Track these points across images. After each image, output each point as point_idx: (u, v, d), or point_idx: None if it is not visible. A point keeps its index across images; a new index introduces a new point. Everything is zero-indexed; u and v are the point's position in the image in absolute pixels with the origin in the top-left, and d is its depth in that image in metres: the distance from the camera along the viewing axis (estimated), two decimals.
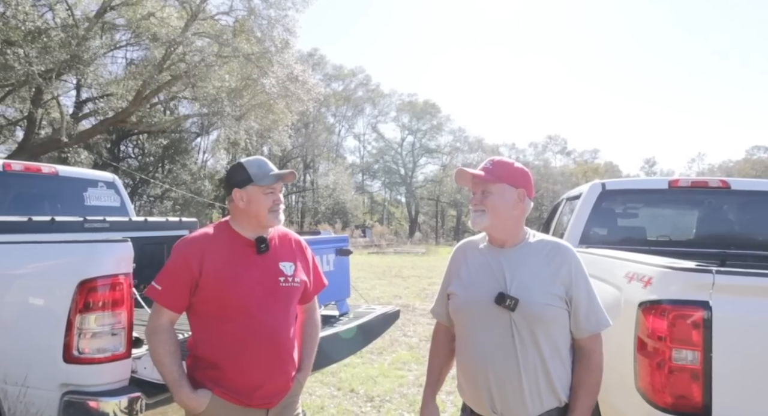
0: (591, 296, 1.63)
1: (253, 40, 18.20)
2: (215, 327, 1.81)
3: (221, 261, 1.82)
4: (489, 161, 1.72)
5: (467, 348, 1.69)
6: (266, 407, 1.83)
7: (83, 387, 2.05)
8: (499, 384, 1.60)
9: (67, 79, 19.59)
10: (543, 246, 1.68)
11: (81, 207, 4.02)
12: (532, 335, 1.58)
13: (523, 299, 1.57)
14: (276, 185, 1.88)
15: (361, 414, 3.98)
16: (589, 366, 1.62)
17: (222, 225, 1.94)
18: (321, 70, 46.76)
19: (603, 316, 1.64)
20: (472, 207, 1.69)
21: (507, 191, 1.67)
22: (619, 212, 3.78)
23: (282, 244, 1.97)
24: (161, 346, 1.78)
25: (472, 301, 1.66)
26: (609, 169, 53.69)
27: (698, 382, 1.68)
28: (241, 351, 1.79)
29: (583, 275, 1.64)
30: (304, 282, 1.95)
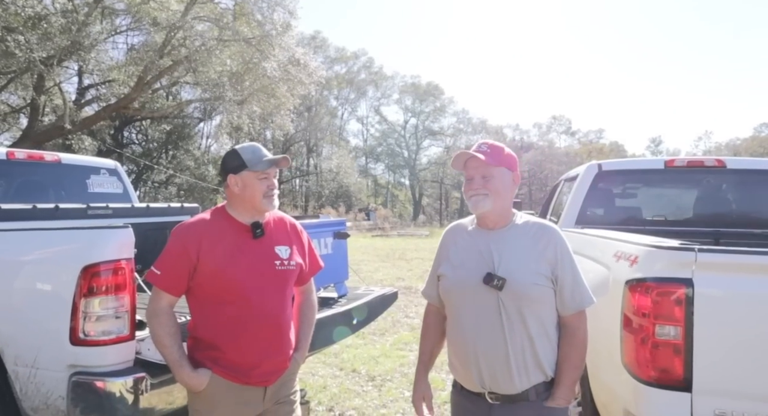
0: (576, 275, 1.68)
1: (254, 24, 18.03)
2: (213, 309, 1.87)
3: (218, 246, 1.87)
4: (483, 144, 1.74)
5: (457, 327, 1.75)
6: (264, 384, 1.90)
7: (90, 367, 2.13)
8: (488, 360, 1.65)
9: (69, 66, 19.54)
10: (529, 228, 1.72)
11: (84, 194, 4.08)
12: (519, 313, 1.63)
13: (510, 279, 1.62)
14: (270, 170, 1.91)
15: (363, 392, 4.08)
16: (574, 342, 1.68)
17: (219, 210, 1.99)
18: (323, 52, 46.42)
19: (587, 294, 1.69)
20: (473, 191, 1.70)
21: (506, 174, 1.72)
22: (616, 192, 3.81)
23: (278, 228, 2.01)
24: (161, 328, 1.85)
25: (462, 282, 1.72)
26: (614, 149, 53.32)
27: (680, 356, 1.74)
28: (239, 333, 1.85)
29: (569, 254, 1.68)
30: (300, 265, 2.00)
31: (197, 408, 1.90)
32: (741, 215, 3.54)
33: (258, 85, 18.68)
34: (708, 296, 1.72)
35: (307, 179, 43.86)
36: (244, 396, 1.87)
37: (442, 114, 54.47)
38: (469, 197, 1.72)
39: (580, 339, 1.68)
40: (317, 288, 3.24)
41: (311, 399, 3.91)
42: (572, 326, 1.69)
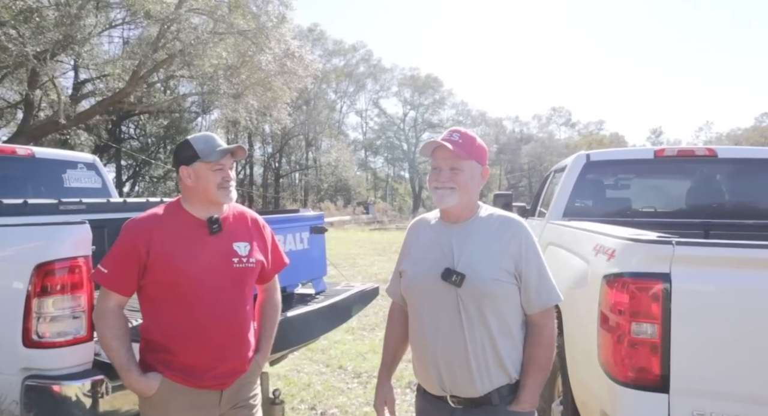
0: (542, 271, 1.58)
1: (249, 16, 17.84)
2: (166, 310, 1.77)
3: (171, 243, 1.77)
4: (455, 132, 1.63)
5: (417, 326, 1.65)
6: (220, 388, 1.80)
7: (45, 371, 2.03)
8: (447, 362, 1.56)
9: (64, 60, 19.39)
10: (493, 221, 1.62)
11: (60, 189, 3.98)
12: (479, 311, 1.53)
13: (469, 275, 1.52)
14: (224, 161, 1.81)
15: (347, 390, 4.00)
16: (540, 341, 1.57)
17: (173, 205, 1.88)
18: (321, 45, 46.08)
19: (554, 291, 1.59)
20: (439, 184, 1.59)
21: (475, 168, 1.61)
22: (605, 183, 3.71)
23: (237, 223, 1.90)
24: (108, 330, 1.75)
25: (421, 278, 1.62)
26: (615, 140, 53.00)
27: (657, 356, 1.64)
28: (193, 334, 1.75)
29: (534, 249, 1.59)
30: (261, 262, 1.89)
31: (147, 414, 1.80)
32: (733, 205, 3.43)
33: (254, 79, 18.52)
34: (686, 291, 1.62)
35: (306, 173, 43.72)
36: (198, 401, 1.77)
37: (441, 106, 54.24)
38: (434, 188, 1.61)
39: (547, 338, 1.58)
40: (295, 285, 3.16)
41: (294, 397, 3.83)
42: (538, 324, 1.59)
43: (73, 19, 14.82)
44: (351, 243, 16.33)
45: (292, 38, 19.24)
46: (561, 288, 2.39)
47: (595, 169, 3.58)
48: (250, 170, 41.90)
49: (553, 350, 1.59)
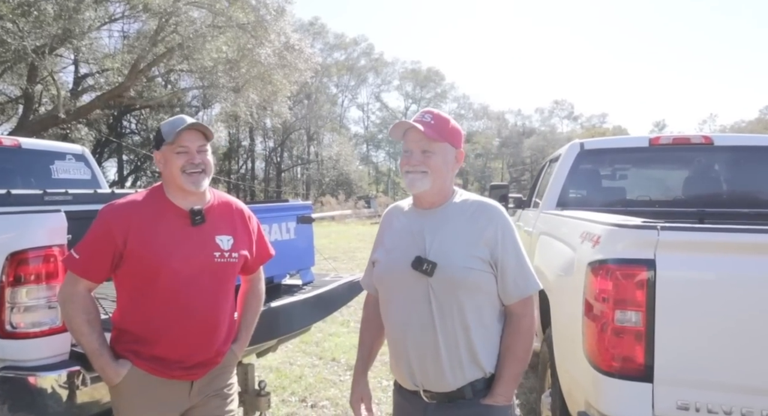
0: (519, 258, 1.50)
1: (248, 9, 17.72)
2: (141, 301, 1.71)
3: (150, 232, 1.69)
4: (427, 113, 1.54)
5: (388, 318, 1.58)
6: (189, 379, 1.75)
7: (19, 362, 1.99)
8: (418, 355, 1.49)
9: (65, 55, 19.34)
10: (468, 206, 1.54)
11: (47, 181, 3.94)
12: (451, 302, 1.46)
13: (441, 263, 1.44)
14: (187, 142, 1.69)
15: (339, 382, 3.97)
16: (519, 331, 1.50)
17: (156, 191, 1.79)
18: (322, 39, 45.88)
19: (532, 279, 1.51)
20: (410, 167, 1.50)
21: (448, 151, 1.52)
22: (599, 172, 3.64)
23: (221, 214, 1.82)
24: (78, 315, 1.68)
25: (391, 267, 1.55)
26: (617, 132, 52.59)
27: (641, 344, 1.59)
28: (166, 327, 1.69)
29: (511, 236, 1.50)
30: (244, 256, 1.82)
31: (116, 404, 1.77)
32: (730, 193, 3.37)
33: (254, 72, 18.43)
34: (672, 278, 1.57)
35: (308, 168, 43.66)
36: (166, 391, 1.73)
37: (443, 100, 53.98)
38: (405, 172, 1.52)
39: (526, 327, 1.50)
40: (282, 275, 3.12)
41: (285, 389, 3.80)
42: (516, 314, 1.51)
43: (71, 12, 14.75)
44: (351, 237, 16.30)
45: (292, 31, 19.13)
46: (550, 277, 2.37)
47: (589, 158, 3.52)
48: (252, 165, 41.91)
49: (531, 340, 1.52)
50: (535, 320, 1.56)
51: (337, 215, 25.42)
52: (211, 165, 1.77)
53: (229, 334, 1.87)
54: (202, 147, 1.74)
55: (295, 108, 34.44)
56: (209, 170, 1.75)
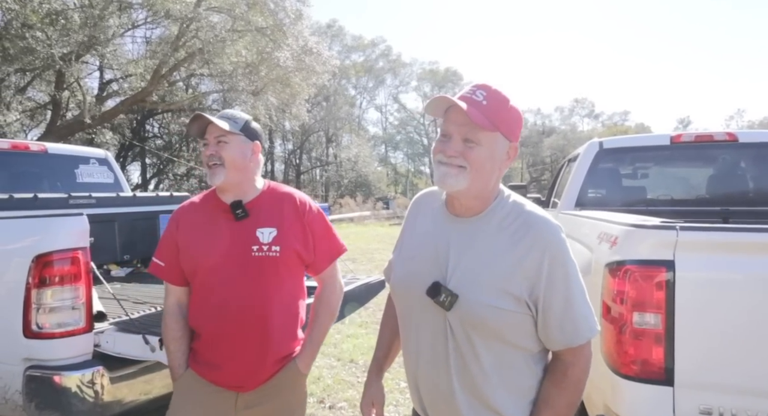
0: (570, 298, 1.15)
1: (266, 13, 17.93)
2: (193, 300, 1.74)
3: (193, 227, 1.71)
4: (481, 89, 1.17)
5: (402, 339, 1.36)
6: (236, 390, 1.66)
7: (45, 361, 2.07)
8: (429, 390, 1.27)
9: (90, 61, 19.81)
10: (511, 220, 1.19)
11: (72, 184, 4.05)
12: (471, 343, 1.18)
13: (463, 297, 1.16)
14: (207, 134, 1.68)
15: (357, 384, 3.98)
16: (563, 383, 1.19)
17: (211, 191, 1.79)
18: (340, 41, 46.13)
19: (584, 325, 1.17)
20: (446, 158, 1.16)
21: (499, 144, 1.17)
22: (619, 171, 3.58)
23: (270, 207, 1.72)
24: (166, 331, 1.74)
25: (405, 285, 1.30)
26: (640, 130, 51.67)
27: (660, 347, 1.56)
28: (207, 324, 1.68)
29: (563, 267, 1.15)
30: (291, 250, 1.67)
31: (171, 402, 1.74)
32: (756, 191, 3.28)
33: (273, 75, 18.61)
34: (692, 279, 1.53)
35: (327, 169, 43.88)
36: (213, 399, 1.67)
37: None
38: (437, 162, 1.18)
39: (573, 379, 1.18)
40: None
41: None
42: (564, 361, 1.19)
43: (96, 20, 15.11)
44: (370, 238, 16.33)
45: (309, 34, 19.28)
46: None
47: (608, 157, 3.46)
48: (272, 167, 42.28)
49: (579, 394, 1.21)
50: (589, 369, 1.21)
51: (356, 216, 25.48)
52: (231, 156, 1.65)
53: (289, 344, 1.72)
54: (220, 137, 1.66)
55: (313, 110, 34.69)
56: (226, 162, 1.64)
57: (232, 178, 1.67)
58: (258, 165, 1.76)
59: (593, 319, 1.20)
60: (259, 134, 1.77)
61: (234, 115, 1.73)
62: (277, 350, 1.68)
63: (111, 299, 2.45)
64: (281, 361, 1.70)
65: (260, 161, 1.77)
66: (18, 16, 13.44)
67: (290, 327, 1.72)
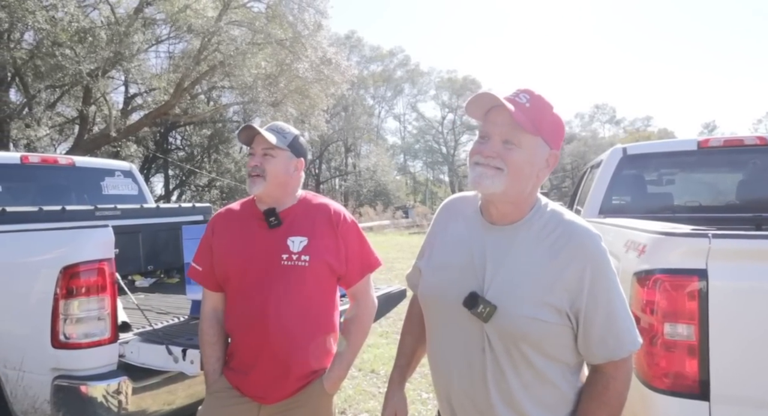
0: (612, 311, 1.13)
1: (286, 25, 18.21)
2: (227, 302, 1.76)
3: (227, 233, 1.74)
4: (524, 92, 1.16)
5: (431, 353, 1.32)
6: (259, 401, 1.65)
7: (72, 371, 2.10)
8: (463, 405, 1.23)
9: (116, 76, 20.37)
10: (550, 230, 1.16)
11: (99, 196, 4.14)
12: (509, 355, 1.15)
13: (502, 308, 1.13)
14: (255, 145, 1.69)
15: (378, 394, 3.94)
16: (604, 397, 1.16)
17: (250, 198, 1.80)
18: (358, 52, 46.56)
19: (627, 338, 1.15)
20: (481, 158, 1.13)
21: (540, 149, 1.15)
22: (644, 178, 3.51)
23: (303, 216, 1.71)
24: (202, 335, 1.77)
25: (438, 294, 1.26)
26: (663, 136, 50.78)
27: (694, 359, 1.50)
28: (236, 330, 1.71)
29: (604, 279, 1.13)
30: (322, 262, 1.64)
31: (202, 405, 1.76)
32: None
33: (292, 87, 18.87)
34: (726, 289, 1.47)
35: (346, 179, 44.11)
36: (237, 409, 1.66)
37: None
38: (473, 164, 1.15)
39: (614, 393, 1.15)
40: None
41: None
42: (605, 374, 1.16)
43: (122, 36, 15.57)
44: (390, 247, 16.29)
45: (328, 45, 19.51)
46: None
47: (632, 163, 3.40)
48: None
49: (620, 409, 1.18)
50: (630, 382, 1.19)
51: (376, 225, 25.50)
52: (274, 171, 1.67)
53: (318, 359, 1.69)
54: (267, 150, 1.68)
55: (332, 120, 34.98)
56: (269, 175, 1.66)
57: (271, 191, 1.69)
58: (299, 181, 1.78)
59: (636, 332, 1.17)
60: (304, 151, 1.78)
61: (284, 129, 1.74)
62: (302, 363, 1.64)
63: (135, 310, 2.48)
64: (307, 376, 1.66)
65: (302, 177, 1.78)
66: (49, 35, 13.92)
67: (319, 341, 1.68)
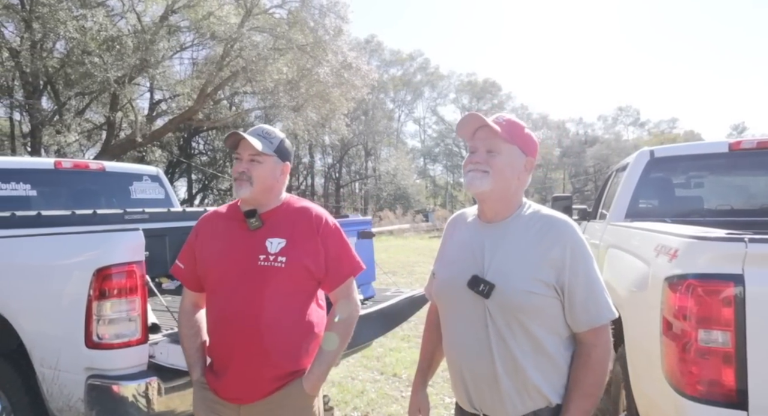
0: (591, 283, 1.35)
1: (307, 31, 18.39)
2: (207, 304, 1.78)
3: (210, 235, 1.77)
4: (499, 117, 1.46)
5: (445, 336, 1.54)
6: (236, 401, 1.66)
7: (105, 371, 2.14)
8: (475, 380, 1.42)
9: (141, 83, 20.84)
10: (534, 222, 1.41)
11: (127, 200, 4.23)
12: (510, 327, 1.36)
13: (499, 285, 1.35)
14: (241, 150, 1.69)
15: (401, 398, 3.94)
16: (588, 364, 1.36)
17: (236, 201, 1.83)
18: (378, 56, 46.73)
19: (605, 306, 1.36)
20: (472, 166, 1.41)
21: (516, 155, 1.42)
22: (672, 181, 3.44)
23: (283, 218, 1.72)
24: (181, 328, 1.83)
25: (448, 284, 1.49)
26: (689, 138, 49.61)
27: (731, 367, 1.46)
28: (213, 331, 1.73)
29: (582, 257, 1.36)
30: (299, 264, 1.64)
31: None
32: None
33: (313, 91, 19.03)
34: (763, 295, 1.44)
35: (366, 183, 44.22)
36: (215, 410, 1.70)
37: (500, 111, 52.07)
38: (466, 172, 1.43)
39: (597, 359, 1.35)
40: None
41: (347, 404, 3.82)
42: (587, 343, 1.37)
43: (148, 44, 15.93)
44: (410, 251, 16.27)
45: (348, 50, 19.63)
46: (621, 293, 2.25)
47: (660, 166, 3.33)
48: (312, 181, 43.03)
49: (604, 374, 1.37)
50: (611, 351, 1.40)
51: (396, 229, 25.49)
52: (261, 176, 1.68)
53: (296, 360, 1.69)
54: (254, 156, 1.68)
55: (352, 124, 35.13)
56: (255, 180, 1.67)
57: (257, 194, 1.70)
58: (284, 184, 1.80)
59: (611, 304, 1.38)
60: (290, 155, 1.80)
61: (269, 133, 1.75)
62: (277, 364, 1.64)
63: (163, 312, 2.53)
64: (284, 378, 1.66)
65: (286, 180, 1.80)
66: (79, 44, 14.32)
67: (296, 342, 1.67)
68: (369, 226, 3.12)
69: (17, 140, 19.58)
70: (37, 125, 15.98)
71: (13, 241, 2.57)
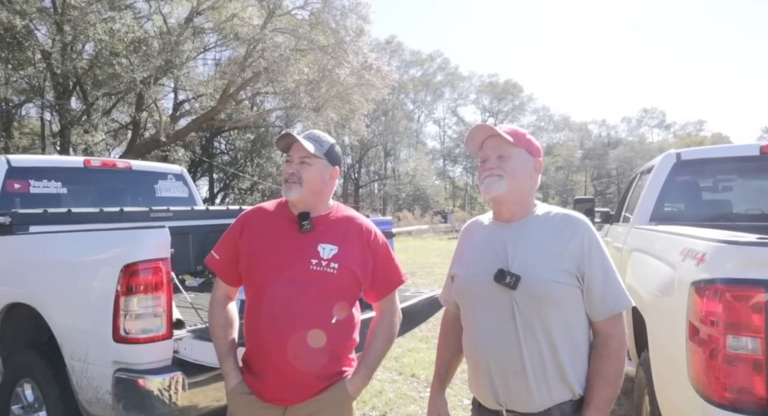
0: (608, 272, 1.42)
1: (328, 32, 18.51)
2: (248, 302, 1.76)
3: (258, 233, 1.74)
4: (503, 126, 1.56)
5: (468, 334, 1.56)
6: (280, 404, 1.66)
7: (131, 365, 2.19)
8: (502, 372, 1.45)
9: (166, 84, 21.23)
10: (551, 219, 1.50)
11: (152, 198, 4.32)
12: (537, 316, 1.41)
13: (525, 276, 1.40)
14: (292, 152, 1.73)
15: (419, 399, 3.93)
16: (606, 353, 1.41)
17: (283, 200, 1.81)
18: (398, 57, 46.80)
19: (622, 295, 1.43)
20: (486, 172, 1.50)
21: (525, 158, 1.51)
22: (698, 184, 3.37)
23: (335, 225, 1.75)
24: (213, 318, 1.81)
25: (473, 281, 1.53)
26: (717, 141, 48.39)
27: (761, 374, 1.43)
28: (258, 332, 1.69)
29: (598, 248, 1.44)
30: (350, 272, 1.69)
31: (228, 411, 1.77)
32: None
33: (333, 92, 19.13)
34: None
35: (385, 183, 44.30)
36: (262, 411, 1.67)
37: (521, 113, 52.80)
38: (482, 179, 1.51)
39: (614, 348, 1.41)
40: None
41: (365, 404, 3.83)
42: (604, 333, 1.43)
43: (173, 46, 16.24)
44: (429, 252, 16.24)
45: (369, 51, 19.68)
46: (646, 297, 2.22)
47: (686, 169, 3.27)
48: None
49: (622, 363, 1.42)
50: (625, 340, 1.46)
51: (414, 230, 25.47)
52: (311, 178, 1.71)
53: (338, 363, 1.72)
54: (304, 158, 1.71)
55: (372, 125, 35.25)
56: (305, 182, 1.70)
57: (306, 197, 1.72)
58: (333, 189, 1.81)
59: (627, 293, 1.44)
60: (340, 160, 1.82)
61: (321, 137, 1.77)
62: (323, 366, 1.67)
63: (187, 308, 2.58)
64: (330, 378, 1.68)
65: (335, 185, 1.81)
66: (107, 46, 14.65)
67: (339, 346, 1.71)
68: (389, 226, 3.14)
69: (47, 139, 20.14)
70: (66, 125, 16.42)
71: (46, 237, 2.65)
